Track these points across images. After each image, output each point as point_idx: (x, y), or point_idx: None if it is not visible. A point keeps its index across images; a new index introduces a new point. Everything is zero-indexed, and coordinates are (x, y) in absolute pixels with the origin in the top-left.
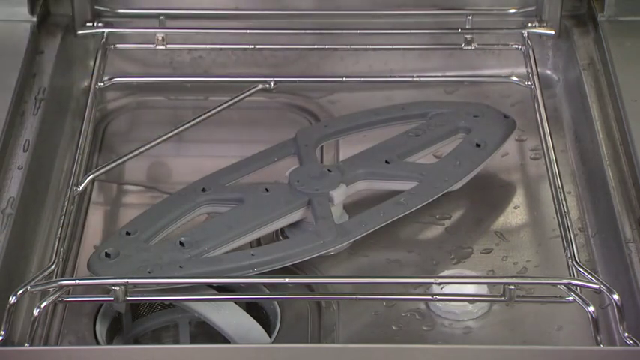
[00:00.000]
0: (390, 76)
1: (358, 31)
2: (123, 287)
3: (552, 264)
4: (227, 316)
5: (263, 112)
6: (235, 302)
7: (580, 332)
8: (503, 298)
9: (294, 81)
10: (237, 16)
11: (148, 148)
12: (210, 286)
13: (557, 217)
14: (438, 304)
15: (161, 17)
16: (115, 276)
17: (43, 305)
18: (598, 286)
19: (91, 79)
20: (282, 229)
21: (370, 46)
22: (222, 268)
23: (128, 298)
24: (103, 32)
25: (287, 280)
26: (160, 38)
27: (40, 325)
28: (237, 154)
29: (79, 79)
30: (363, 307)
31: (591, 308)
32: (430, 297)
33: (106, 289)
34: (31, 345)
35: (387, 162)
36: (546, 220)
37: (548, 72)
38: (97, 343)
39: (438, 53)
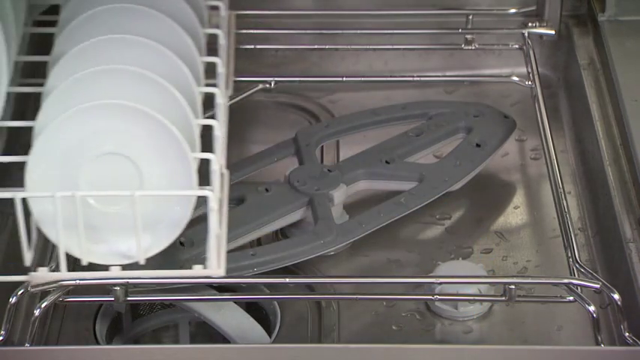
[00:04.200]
0: (390, 76)
1: (358, 31)
2: (123, 287)
3: (553, 264)
4: (227, 316)
5: (263, 112)
6: (235, 302)
7: (580, 332)
8: (503, 298)
9: (294, 81)
10: (237, 16)
11: None
12: (210, 286)
13: (557, 216)
14: (438, 304)
15: None
16: (115, 276)
17: (43, 305)
18: (598, 286)
19: None
20: (282, 229)
21: (370, 46)
22: None
23: (128, 299)
24: None
25: (287, 280)
26: None
27: (40, 325)
28: (237, 153)
29: None
30: (363, 307)
31: (592, 308)
32: (430, 297)
33: (106, 290)
34: (31, 345)
35: (387, 162)
36: (546, 220)
37: (549, 72)
38: (97, 343)
39: (438, 53)
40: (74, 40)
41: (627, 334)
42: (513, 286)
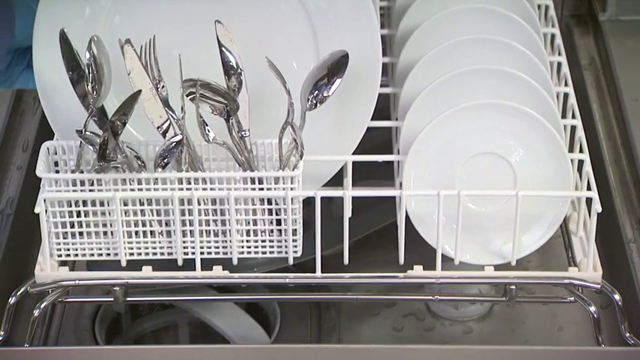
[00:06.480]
0: None
1: None
2: (123, 287)
3: (553, 264)
4: (227, 316)
5: None
6: (235, 302)
7: (581, 332)
8: (504, 299)
9: None
10: None
11: None
12: (210, 286)
13: None
14: (439, 304)
15: None
16: (115, 276)
17: (42, 306)
18: (599, 286)
19: None
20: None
21: None
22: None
23: (128, 299)
24: None
25: (287, 280)
26: None
27: (40, 326)
28: None
29: None
30: (363, 308)
31: (593, 308)
32: (431, 297)
33: (105, 290)
34: (30, 345)
35: (387, 162)
36: None
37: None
38: (96, 343)
39: None
40: (425, 43)
41: (628, 334)
42: (514, 287)
